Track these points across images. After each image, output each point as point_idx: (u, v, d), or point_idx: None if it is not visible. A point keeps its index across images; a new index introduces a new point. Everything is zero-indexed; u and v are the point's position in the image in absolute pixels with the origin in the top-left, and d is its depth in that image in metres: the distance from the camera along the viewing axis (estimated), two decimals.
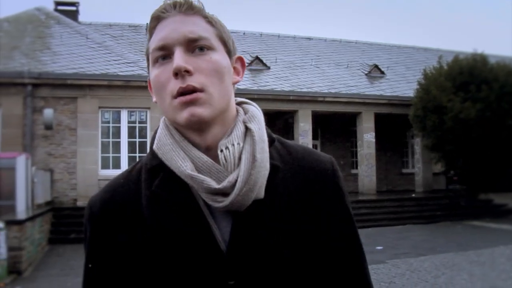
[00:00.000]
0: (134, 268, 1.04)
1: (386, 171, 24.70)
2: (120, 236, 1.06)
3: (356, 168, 22.70)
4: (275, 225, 1.03)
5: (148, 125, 16.65)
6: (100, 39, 19.00)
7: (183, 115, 1.00)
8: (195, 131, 1.05)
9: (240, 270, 1.01)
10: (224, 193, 0.99)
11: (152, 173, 1.08)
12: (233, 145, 1.04)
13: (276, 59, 23.36)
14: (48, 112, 15.05)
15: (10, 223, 9.44)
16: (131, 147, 16.57)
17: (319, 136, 23.45)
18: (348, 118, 22.48)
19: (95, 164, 16.02)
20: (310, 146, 20.02)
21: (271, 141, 1.11)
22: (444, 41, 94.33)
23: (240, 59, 1.16)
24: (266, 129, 1.11)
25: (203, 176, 0.99)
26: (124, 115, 16.54)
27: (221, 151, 1.02)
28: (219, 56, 1.06)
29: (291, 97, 20.02)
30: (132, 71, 16.56)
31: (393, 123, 23.50)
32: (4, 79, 15.18)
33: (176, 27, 1.04)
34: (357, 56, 26.44)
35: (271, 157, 1.08)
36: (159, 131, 1.12)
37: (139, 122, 16.69)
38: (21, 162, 12.24)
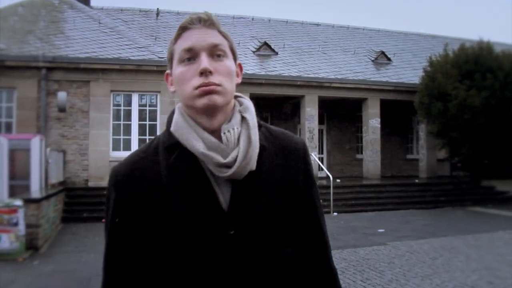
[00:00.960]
0: (152, 221, 1.35)
1: (391, 156, 25.01)
2: (142, 197, 1.37)
3: (361, 153, 23.00)
4: (264, 189, 1.39)
5: (158, 108, 17.02)
6: (112, 23, 19.31)
7: (203, 101, 1.33)
8: (206, 116, 1.37)
9: (237, 222, 1.34)
10: (228, 166, 1.32)
11: (169, 149, 1.39)
12: (233, 129, 1.37)
13: (284, 45, 23.59)
14: (61, 95, 15.45)
15: (28, 201, 9.86)
16: (142, 129, 16.97)
17: (325, 121, 23.75)
18: (354, 104, 22.75)
19: (107, 146, 16.43)
20: (316, 130, 20.46)
21: (259, 127, 1.46)
22: (451, 29, 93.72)
23: (239, 65, 1.50)
24: (255, 117, 1.47)
25: (212, 153, 1.32)
26: (135, 98, 16.92)
27: (224, 133, 1.36)
28: (230, 62, 1.41)
29: (298, 82, 20.29)
30: (143, 55, 16.90)
31: (399, 109, 23.76)
32: (19, 63, 15.54)
33: (202, 37, 1.37)
34: (364, 42, 26.64)
35: (260, 139, 1.42)
36: (175, 116, 1.43)
37: (150, 106, 17.05)
38: (35, 143, 12.64)
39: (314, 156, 18.99)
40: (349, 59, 24.16)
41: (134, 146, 16.75)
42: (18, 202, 9.42)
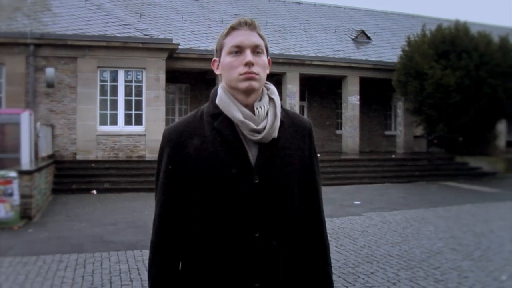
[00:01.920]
0: (198, 169, 1.84)
1: (370, 132, 25.74)
2: (189, 149, 1.86)
3: (341, 129, 23.67)
4: (281, 152, 1.89)
5: (143, 84, 17.42)
6: (98, 1, 19.51)
7: (245, 84, 1.81)
8: (244, 95, 1.83)
9: (261, 174, 1.85)
10: (258, 131, 1.81)
11: (214, 116, 1.86)
12: (263, 106, 1.86)
13: (266, 23, 23.94)
14: (49, 71, 15.78)
15: (21, 173, 10.30)
16: (128, 104, 17.38)
17: (306, 98, 24.32)
18: (334, 81, 23.33)
19: (94, 121, 16.83)
20: (297, 106, 21.00)
21: (282, 108, 2.01)
22: (430, 9, 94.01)
23: (269, 60, 1.99)
24: (279, 99, 2.00)
25: (248, 121, 1.82)
26: (121, 74, 17.28)
27: (256, 108, 1.87)
28: (265, 58, 1.91)
29: (280, 60, 20.69)
30: (129, 32, 17.24)
31: (378, 87, 24.41)
32: (7, 39, 15.81)
33: (247, 37, 1.84)
34: (345, 21, 27.12)
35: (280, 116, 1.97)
36: (219, 93, 1.89)
37: (135, 81, 17.43)
38: (25, 118, 12.97)
39: None
40: (330, 38, 24.66)
41: (121, 121, 17.22)
42: (13, 174, 9.86)
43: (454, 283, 5.91)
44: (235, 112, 1.83)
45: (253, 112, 1.85)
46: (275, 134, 1.85)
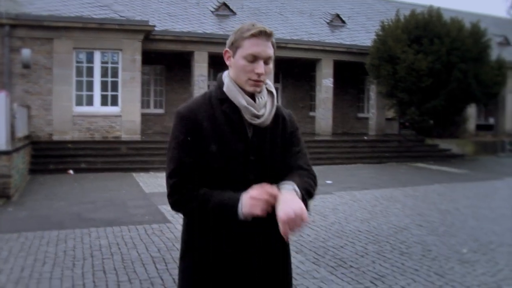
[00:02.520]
0: (208, 142, 2.13)
1: (343, 115, 26.12)
2: (200, 125, 2.14)
3: (314, 111, 24.01)
4: (273, 136, 2.21)
5: (119, 66, 17.51)
6: None
7: (252, 88, 2.13)
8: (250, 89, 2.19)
9: (255, 153, 2.17)
10: (258, 117, 2.14)
11: (221, 101, 2.18)
12: (263, 97, 2.20)
13: (242, 6, 24.06)
14: (25, 52, 15.76)
15: (0, 153, 10.44)
16: (104, 86, 17.45)
17: (281, 80, 24.57)
18: (309, 64, 23.59)
19: (70, 102, 16.88)
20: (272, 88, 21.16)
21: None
22: None
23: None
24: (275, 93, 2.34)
25: (251, 107, 2.15)
26: (97, 56, 17.33)
27: (258, 98, 2.18)
28: (271, 65, 2.21)
29: None
30: (105, 14, 17.23)
31: (351, 70, 24.74)
32: None
33: (264, 49, 2.10)
34: (320, 5, 27.27)
35: None
36: (226, 82, 2.18)
37: (112, 63, 17.51)
38: (1, 99, 12.99)
39: None
40: (305, 21, 24.86)
41: (97, 102, 17.34)
42: None
43: (418, 255, 6.29)
44: (240, 99, 2.15)
45: (255, 100, 2.17)
46: (269, 121, 2.19)
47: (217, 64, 22.96)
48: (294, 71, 24.56)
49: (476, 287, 5.19)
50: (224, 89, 2.19)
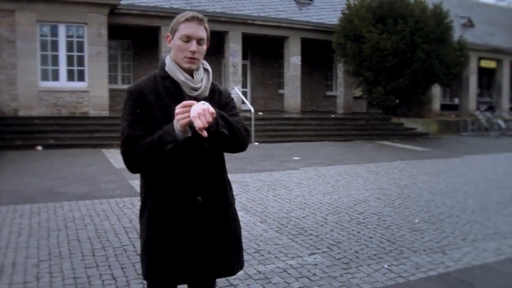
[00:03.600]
0: (154, 112, 2.48)
1: (312, 93, 26.55)
2: (149, 103, 2.49)
3: (283, 88, 24.36)
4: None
5: (85, 40, 17.47)
6: None
7: (187, 65, 2.50)
8: (186, 68, 2.54)
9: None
10: (195, 89, 2.51)
11: (164, 78, 2.54)
12: (199, 73, 2.58)
13: None
14: None
15: None
16: (70, 60, 17.44)
17: (249, 57, 24.80)
18: (277, 41, 23.85)
19: (35, 76, 16.80)
20: (240, 65, 21.46)
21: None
22: None
23: (208, 44, 2.63)
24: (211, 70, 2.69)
25: (189, 81, 2.51)
26: (62, 29, 17.24)
27: (195, 74, 2.54)
28: (205, 47, 2.57)
29: (222, 19, 21.02)
30: None
31: (319, 48, 25.12)
32: None
33: (196, 31, 2.49)
34: None
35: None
36: (168, 62, 2.55)
37: (77, 37, 17.45)
38: None
39: (237, 90, 20.16)
40: None
41: (63, 77, 17.35)
42: None
43: (374, 225, 6.74)
44: (180, 75, 2.54)
45: (192, 77, 2.56)
46: (207, 94, 2.60)
47: None
48: (262, 48, 24.80)
49: (422, 252, 5.65)
50: (166, 68, 2.58)
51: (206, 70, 2.65)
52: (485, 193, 9.26)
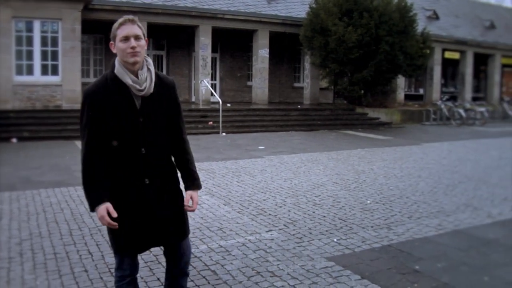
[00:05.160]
0: (107, 111, 3.02)
1: (280, 84, 27.21)
2: (101, 101, 3.03)
3: (251, 80, 24.98)
4: (156, 101, 3.13)
5: (59, 35, 17.79)
6: None
7: (132, 59, 3.00)
8: (132, 66, 3.05)
9: (143, 115, 3.09)
10: (141, 90, 3.05)
11: (113, 81, 3.03)
12: (144, 73, 3.09)
13: None
14: None
15: None
16: (44, 55, 17.75)
17: (219, 50, 25.34)
18: (246, 34, 24.41)
19: (10, 71, 17.07)
20: (210, 58, 21.99)
21: (155, 73, 3.22)
22: None
23: (147, 40, 3.16)
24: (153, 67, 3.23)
25: (135, 84, 3.03)
26: (37, 25, 17.56)
27: (139, 75, 3.06)
28: (143, 42, 3.07)
29: (193, 13, 21.55)
30: None
31: (288, 41, 25.75)
32: None
33: (131, 30, 3.00)
34: None
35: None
36: (116, 65, 3.01)
37: (51, 32, 17.78)
38: None
39: (206, 82, 20.74)
40: None
41: (37, 71, 17.65)
42: None
43: (328, 205, 7.42)
44: (127, 78, 3.02)
45: (137, 77, 3.03)
46: (151, 91, 3.09)
47: (157, 35, 23.71)
48: (232, 41, 25.34)
49: (370, 228, 6.34)
50: (115, 71, 3.05)
51: (149, 69, 3.09)
52: (437, 177, 10.01)
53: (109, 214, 3.02)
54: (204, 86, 20.35)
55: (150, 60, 3.18)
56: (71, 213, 6.85)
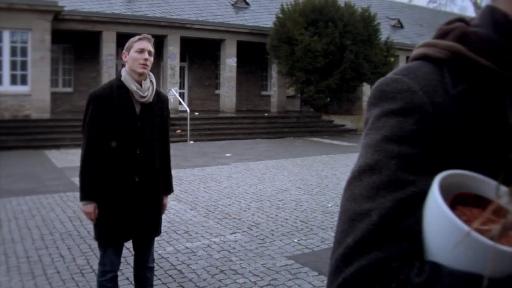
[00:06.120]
0: (109, 115, 3.44)
1: (247, 92, 27.57)
2: (105, 105, 3.46)
3: (219, 89, 25.32)
4: (153, 109, 3.57)
5: (29, 45, 17.86)
6: None
7: (140, 70, 3.47)
8: (138, 76, 3.50)
9: (142, 120, 3.51)
10: (143, 97, 3.49)
11: (119, 87, 3.49)
12: (146, 84, 3.54)
13: None
14: None
15: None
16: (13, 65, 17.80)
17: (187, 59, 25.62)
18: (214, 44, 24.73)
19: None
20: (178, 67, 22.27)
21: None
22: None
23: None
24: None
25: (139, 91, 3.47)
26: (6, 35, 17.60)
27: (143, 84, 3.50)
28: (152, 59, 3.56)
29: (162, 23, 21.79)
30: None
31: (255, 50, 26.13)
32: None
33: (147, 45, 3.54)
34: None
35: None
36: (123, 74, 3.50)
37: (21, 42, 17.86)
38: None
39: (174, 92, 21.02)
40: (210, 2, 25.85)
41: (6, 81, 17.67)
42: None
43: (291, 209, 7.81)
44: (132, 85, 3.47)
45: (141, 86, 3.49)
46: (151, 100, 3.56)
47: (125, 43, 23.65)
48: (200, 50, 25.62)
49: (329, 229, 6.76)
50: (122, 78, 3.51)
51: (151, 81, 3.57)
52: None
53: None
54: (172, 95, 20.60)
55: (152, 75, 3.67)
56: (42, 220, 7.09)
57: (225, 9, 25.75)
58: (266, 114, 23.41)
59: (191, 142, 17.46)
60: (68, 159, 13.15)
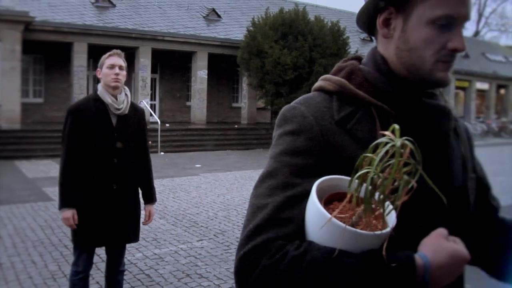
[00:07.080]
0: (88, 127, 3.69)
1: (218, 104, 27.88)
2: (83, 118, 3.69)
3: (190, 101, 25.57)
4: (128, 121, 3.84)
5: None
6: None
7: (113, 84, 3.71)
8: (112, 90, 3.75)
9: (118, 132, 3.77)
10: (119, 109, 3.75)
11: (96, 101, 3.75)
12: (121, 97, 3.79)
13: None
14: None
15: None
16: None
17: (158, 71, 25.85)
18: (185, 56, 25.01)
19: None
20: (149, 79, 22.48)
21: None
22: None
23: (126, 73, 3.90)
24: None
25: (114, 103, 3.73)
26: None
27: (118, 97, 3.76)
28: (125, 72, 3.83)
29: (133, 35, 22.04)
30: None
31: (226, 62, 26.50)
32: None
33: (117, 61, 3.78)
34: None
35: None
36: (99, 88, 3.77)
37: None
38: None
39: (145, 103, 21.21)
40: (182, 15, 26.21)
41: None
42: None
43: None
44: (108, 98, 3.73)
45: (116, 99, 3.75)
46: (127, 112, 3.82)
47: (96, 55, 23.83)
48: (171, 62, 25.89)
49: None
50: (98, 93, 3.79)
51: (126, 95, 3.83)
52: None
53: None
54: (143, 107, 20.75)
55: (127, 89, 3.93)
56: (13, 228, 7.27)
57: (196, 21, 26.09)
58: (236, 126, 23.73)
59: (162, 153, 17.71)
60: (39, 170, 13.28)
